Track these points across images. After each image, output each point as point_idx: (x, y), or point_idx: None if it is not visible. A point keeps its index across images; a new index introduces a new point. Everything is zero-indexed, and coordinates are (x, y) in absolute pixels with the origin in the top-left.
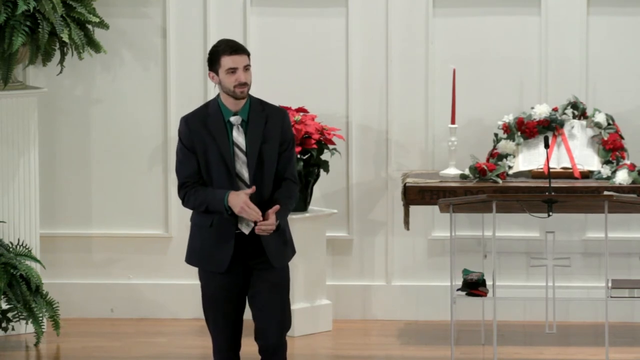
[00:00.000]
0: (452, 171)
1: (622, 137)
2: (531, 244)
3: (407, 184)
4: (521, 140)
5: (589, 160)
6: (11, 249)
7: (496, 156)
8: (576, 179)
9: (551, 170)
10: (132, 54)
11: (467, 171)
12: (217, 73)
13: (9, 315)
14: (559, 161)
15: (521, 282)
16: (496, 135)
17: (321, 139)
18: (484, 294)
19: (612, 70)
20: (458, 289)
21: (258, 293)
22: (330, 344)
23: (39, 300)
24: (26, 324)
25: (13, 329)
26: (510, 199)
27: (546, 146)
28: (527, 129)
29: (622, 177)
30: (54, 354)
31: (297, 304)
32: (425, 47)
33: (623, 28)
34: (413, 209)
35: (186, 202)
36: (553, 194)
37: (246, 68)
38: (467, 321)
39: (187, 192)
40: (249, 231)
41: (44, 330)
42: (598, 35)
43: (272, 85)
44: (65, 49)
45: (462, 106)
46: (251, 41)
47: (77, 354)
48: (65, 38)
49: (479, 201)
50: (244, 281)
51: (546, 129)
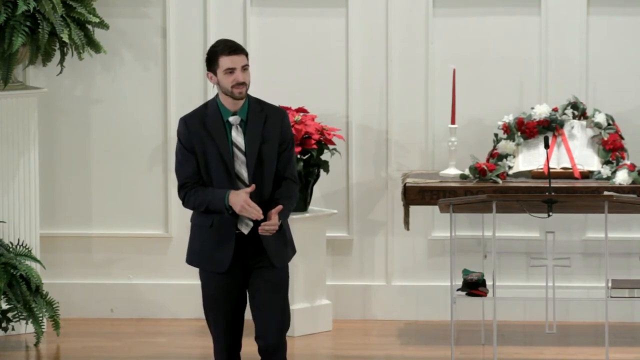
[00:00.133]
0: (452, 171)
1: (622, 137)
2: (531, 244)
3: (407, 184)
4: (521, 140)
5: (589, 160)
6: (11, 249)
7: (496, 156)
8: (576, 179)
9: (551, 170)
10: (132, 54)
11: (467, 171)
12: (215, 73)
13: (9, 315)
14: (559, 161)
15: (521, 282)
16: (496, 135)
17: (321, 139)
18: (484, 294)
19: (612, 70)
20: (458, 289)
21: (258, 292)
22: (330, 344)
23: (39, 300)
24: (26, 324)
25: (13, 329)
26: (510, 199)
27: (546, 146)
28: (527, 129)
29: (622, 177)
30: (54, 354)
31: (297, 304)
32: (425, 47)
33: (623, 28)
34: (413, 209)
35: (186, 203)
36: (553, 194)
37: (244, 68)
38: (467, 321)
39: (187, 192)
40: (249, 231)
41: (44, 330)
42: (598, 35)
43: (272, 85)
44: (65, 49)
45: (462, 106)
46: (251, 41)
47: (77, 354)
48: (65, 38)
49: (479, 201)
50: (244, 281)
51: (546, 129)
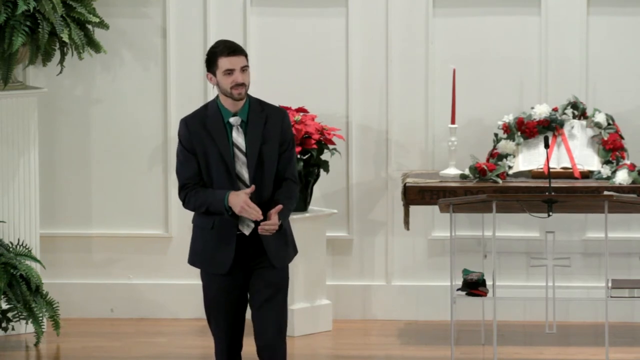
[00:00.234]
0: (452, 171)
1: (622, 137)
2: (531, 244)
3: (407, 184)
4: (521, 140)
5: (589, 160)
6: (11, 249)
7: (496, 156)
8: (576, 179)
9: (551, 170)
10: (132, 54)
11: (467, 171)
12: (214, 74)
13: (9, 315)
14: (559, 161)
15: (521, 282)
16: (496, 135)
17: (321, 139)
18: (484, 294)
19: (612, 70)
20: (458, 289)
21: (257, 293)
22: (330, 344)
23: (39, 300)
24: (26, 324)
25: (13, 329)
26: (510, 199)
27: (546, 146)
28: (527, 129)
29: (622, 177)
30: (54, 354)
31: (297, 304)
32: (425, 47)
33: (623, 28)
34: (413, 209)
35: (187, 204)
36: (553, 194)
37: (243, 69)
38: (467, 321)
39: (188, 193)
40: (250, 232)
41: (44, 330)
42: (598, 35)
43: (272, 85)
44: (65, 49)
45: (462, 106)
46: (251, 41)
47: (77, 354)
48: (65, 38)
49: (479, 201)
50: (245, 282)
51: (546, 129)
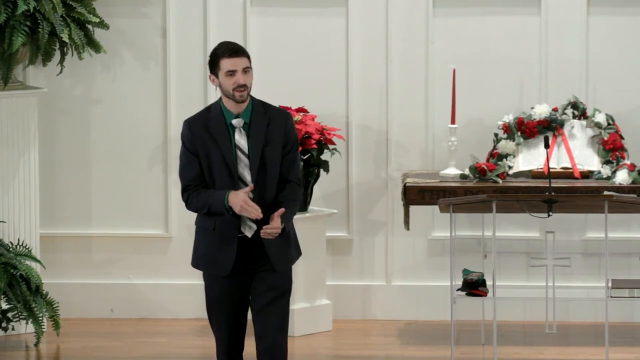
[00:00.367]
0: (452, 171)
1: (622, 137)
2: (531, 244)
3: (407, 184)
4: (521, 140)
5: (589, 160)
6: (11, 249)
7: (496, 156)
8: (576, 179)
9: (551, 170)
10: (132, 54)
11: (467, 171)
12: (217, 76)
13: (9, 315)
14: (559, 161)
15: (521, 282)
16: (496, 135)
17: (321, 139)
18: (484, 294)
19: (612, 70)
20: (458, 289)
21: (259, 296)
22: (330, 344)
23: (39, 300)
24: (26, 324)
25: (13, 329)
26: (510, 199)
27: (546, 146)
28: (527, 129)
29: (622, 177)
30: (54, 354)
31: (297, 304)
32: (425, 47)
33: (623, 28)
34: (413, 209)
35: (189, 205)
36: (553, 194)
37: (245, 70)
38: (467, 321)
39: (190, 194)
40: (252, 234)
41: (44, 330)
42: (598, 35)
43: (272, 85)
44: (65, 49)
45: (462, 106)
46: (251, 41)
47: (77, 354)
48: (65, 38)
49: (479, 201)
50: (246, 284)
51: (546, 129)
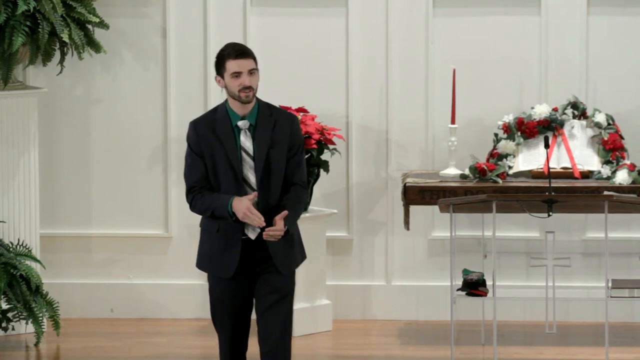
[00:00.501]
0: (452, 171)
1: (622, 137)
2: (531, 244)
3: (407, 184)
4: (521, 140)
5: (589, 160)
6: (11, 249)
7: (496, 156)
8: (576, 179)
9: (551, 170)
10: (132, 54)
11: (467, 171)
12: (222, 77)
13: (9, 315)
14: (559, 161)
15: (521, 282)
16: (496, 135)
17: (321, 139)
18: (484, 294)
19: (612, 70)
20: (458, 289)
21: (262, 298)
22: (330, 344)
23: (39, 300)
24: (26, 324)
25: (13, 329)
26: (510, 199)
27: (546, 146)
28: (527, 129)
29: (622, 177)
30: (54, 354)
31: (297, 304)
32: (425, 47)
33: (623, 28)
34: (413, 209)
35: (193, 207)
36: (553, 194)
37: (251, 72)
38: (467, 321)
39: (195, 196)
40: (256, 236)
41: (44, 330)
42: (598, 35)
43: (272, 85)
44: (65, 49)
45: (462, 106)
46: (251, 41)
47: (77, 354)
48: (65, 38)
49: (479, 201)
50: (250, 286)
51: (546, 129)
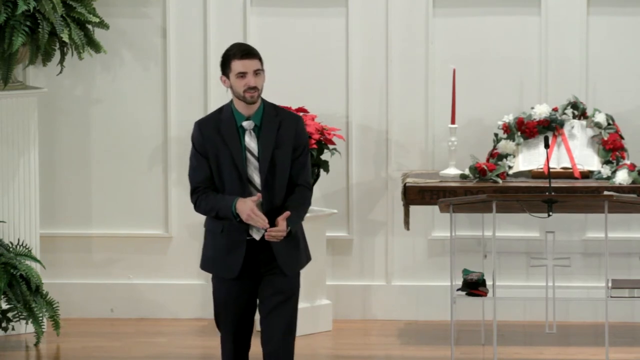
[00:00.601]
0: (452, 171)
1: (622, 137)
2: (531, 244)
3: (407, 184)
4: (521, 140)
5: (589, 160)
6: (11, 249)
7: (496, 156)
8: (576, 179)
9: (551, 170)
10: (132, 54)
11: (467, 171)
12: (228, 77)
13: (9, 315)
14: (559, 161)
15: (521, 282)
16: (496, 135)
17: (321, 139)
18: (484, 294)
19: (612, 70)
20: (458, 289)
21: (266, 299)
22: (330, 344)
23: (39, 300)
24: (26, 324)
25: (13, 329)
26: (510, 199)
27: (546, 146)
28: (527, 129)
29: (622, 177)
30: (54, 354)
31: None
32: (425, 47)
33: (623, 28)
34: (413, 209)
35: (197, 207)
36: (553, 194)
37: (257, 72)
38: (467, 321)
39: (199, 197)
40: (260, 237)
41: (44, 330)
42: (598, 35)
43: (272, 85)
44: (65, 49)
45: (462, 106)
46: (251, 41)
47: (77, 354)
48: (65, 38)
49: (479, 201)
50: (254, 287)
51: (546, 129)
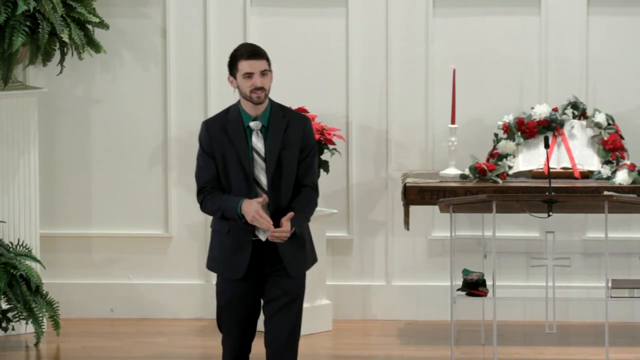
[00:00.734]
0: (452, 171)
1: (622, 137)
2: (531, 244)
3: (407, 184)
4: (521, 140)
5: (589, 160)
6: (11, 249)
7: (496, 156)
8: (576, 179)
9: (551, 170)
10: (132, 54)
11: (467, 171)
12: (235, 77)
13: (9, 315)
14: (559, 161)
15: (521, 282)
16: (496, 135)
17: (321, 139)
18: (484, 294)
19: (612, 70)
20: (458, 289)
21: (271, 300)
22: (330, 344)
23: (39, 300)
24: (26, 324)
25: (13, 329)
26: (510, 199)
27: (546, 146)
28: (527, 129)
29: (622, 177)
30: (54, 354)
31: None
32: (425, 47)
33: (623, 28)
34: (413, 209)
35: (204, 207)
36: (553, 194)
37: (263, 73)
38: (467, 321)
39: (205, 197)
40: (266, 238)
41: (44, 330)
42: (598, 35)
43: (272, 85)
44: (65, 49)
45: (462, 106)
46: (251, 41)
47: (77, 354)
48: (65, 38)
49: (479, 201)
50: (259, 289)
51: (546, 129)
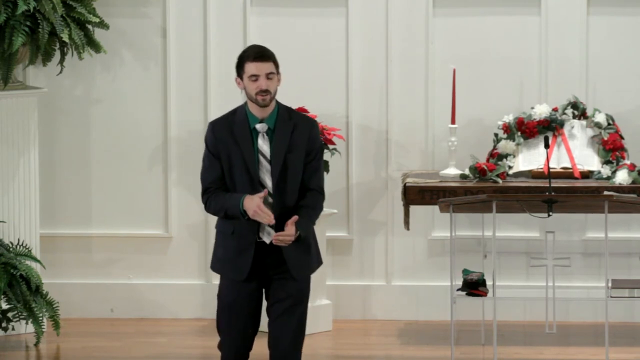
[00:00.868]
0: (452, 171)
1: (622, 137)
2: (531, 244)
3: (407, 184)
4: (521, 140)
5: (589, 160)
6: (11, 249)
7: (496, 156)
8: (576, 179)
9: (551, 170)
10: (132, 54)
11: (467, 171)
12: (242, 79)
13: (9, 315)
14: (559, 161)
15: (521, 282)
16: (496, 135)
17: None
18: (484, 294)
19: (612, 70)
20: (458, 289)
21: (275, 303)
22: (330, 344)
23: (39, 300)
24: (26, 324)
25: (13, 329)
26: (510, 199)
27: (546, 146)
28: (527, 129)
29: (622, 177)
30: (54, 354)
31: None
32: (425, 47)
33: (623, 28)
34: (413, 209)
35: (208, 207)
36: (553, 194)
37: (269, 76)
38: (467, 321)
39: (209, 197)
40: (270, 241)
41: (44, 330)
42: (598, 35)
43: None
44: (65, 49)
45: (462, 106)
46: (251, 41)
47: (77, 354)
48: (65, 38)
49: (479, 201)
50: (262, 291)
51: (546, 129)
